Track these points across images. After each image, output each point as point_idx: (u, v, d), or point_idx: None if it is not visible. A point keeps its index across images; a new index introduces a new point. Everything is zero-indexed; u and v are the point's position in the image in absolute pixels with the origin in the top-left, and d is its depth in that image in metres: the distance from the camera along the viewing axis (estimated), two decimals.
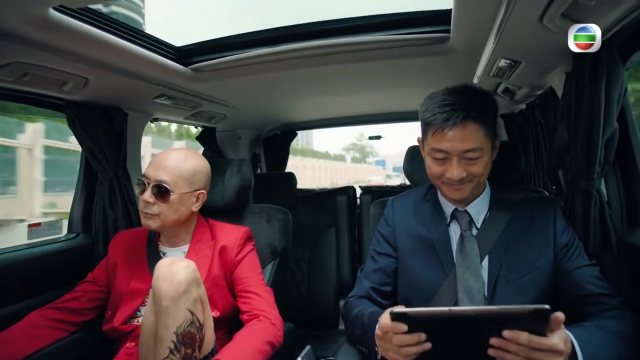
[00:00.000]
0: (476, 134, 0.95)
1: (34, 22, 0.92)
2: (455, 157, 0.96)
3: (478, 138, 0.95)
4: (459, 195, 1.02)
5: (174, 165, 1.18)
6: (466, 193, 1.02)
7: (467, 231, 1.05)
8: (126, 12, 38.12)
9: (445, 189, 1.03)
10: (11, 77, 1.12)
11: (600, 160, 1.02)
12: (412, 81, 1.72)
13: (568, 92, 1.07)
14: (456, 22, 1.09)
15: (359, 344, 1.05)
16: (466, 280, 1.00)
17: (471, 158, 0.96)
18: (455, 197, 1.03)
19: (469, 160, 0.96)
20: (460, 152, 0.95)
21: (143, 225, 1.20)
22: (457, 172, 0.96)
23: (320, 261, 2.32)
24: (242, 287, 1.22)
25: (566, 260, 0.99)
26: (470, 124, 0.94)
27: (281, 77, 1.57)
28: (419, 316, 0.74)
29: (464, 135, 0.94)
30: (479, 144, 0.95)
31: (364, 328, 0.99)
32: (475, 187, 1.02)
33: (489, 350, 0.73)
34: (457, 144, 0.95)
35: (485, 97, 1.00)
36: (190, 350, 0.95)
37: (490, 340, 0.72)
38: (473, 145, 0.95)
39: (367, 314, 1.01)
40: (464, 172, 0.97)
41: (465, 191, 1.01)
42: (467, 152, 0.95)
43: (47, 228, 1.50)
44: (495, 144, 1.02)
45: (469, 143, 0.94)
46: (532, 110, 1.80)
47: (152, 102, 1.62)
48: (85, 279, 1.29)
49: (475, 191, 1.04)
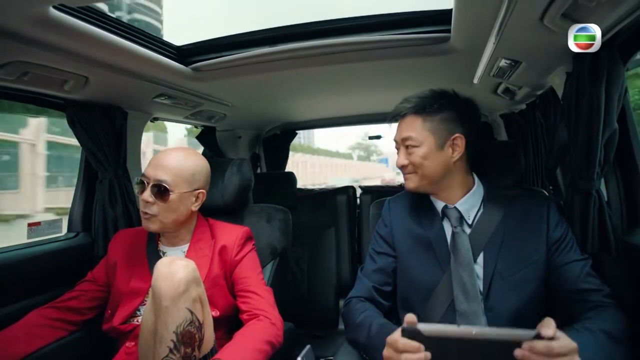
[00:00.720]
0: (412, 124, 1.08)
1: (34, 21, 0.92)
2: (401, 146, 1.11)
3: (414, 129, 1.07)
4: (409, 185, 1.12)
5: (174, 164, 1.18)
6: (414, 184, 1.10)
7: (458, 227, 1.07)
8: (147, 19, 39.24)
9: (404, 179, 1.13)
10: (11, 77, 1.12)
11: (600, 161, 1.03)
12: (412, 81, 1.72)
13: (568, 92, 1.07)
14: (457, 22, 1.09)
15: (361, 351, 1.05)
16: (460, 276, 1.01)
17: (409, 146, 1.08)
18: (407, 187, 1.13)
19: (408, 149, 1.09)
20: (400, 139, 1.10)
21: (144, 227, 1.20)
22: (400, 158, 1.10)
23: (320, 261, 2.32)
24: (242, 287, 1.22)
25: (557, 255, 1.01)
26: (410, 116, 1.09)
27: (281, 76, 1.57)
28: (433, 334, 0.73)
29: (404, 125, 1.10)
30: (414, 133, 1.07)
31: (370, 339, 0.99)
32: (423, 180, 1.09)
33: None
34: (399, 133, 1.11)
35: (440, 94, 1.09)
36: (189, 349, 0.95)
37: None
38: (407, 134, 1.08)
39: (375, 325, 1.01)
40: (406, 160, 1.09)
41: (413, 182, 1.10)
42: (405, 140, 1.09)
43: (46, 227, 1.50)
44: (453, 142, 1.06)
45: (405, 132, 1.09)
46: (532, 110, 1.80)
47: (152, 101, 1.62)
48: (85, 278, 1.29)
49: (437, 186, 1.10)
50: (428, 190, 1.12)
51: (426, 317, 1.02)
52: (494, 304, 0.98)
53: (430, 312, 1.03)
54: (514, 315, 0.97)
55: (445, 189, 1.10)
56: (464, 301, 0.99)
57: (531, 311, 0.98)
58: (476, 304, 0.98)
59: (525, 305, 0.98)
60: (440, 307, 1.02)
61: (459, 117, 1.07)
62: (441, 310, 1.02)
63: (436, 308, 1.03)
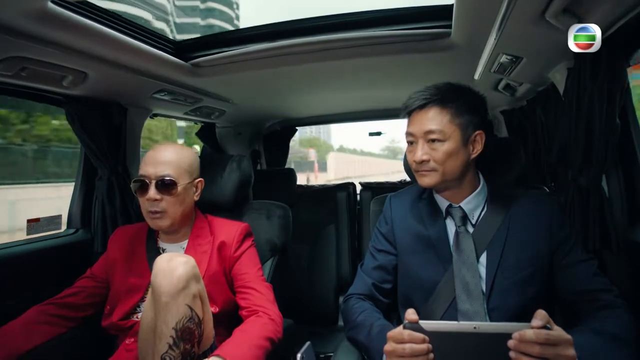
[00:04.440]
0: (439, 117, 1.00)
1: (32, 16, 0.91)
2: (421, 139, 1.02)
3: (440, 122, 0.99)
4: (425, 182, 1.04)
5: (173, 158, 1.19)
6: (432, 181, 1.03)
7: (462, 227, 1.05)
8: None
9: (417, 176, 1.06)
10: (9, 72, 1.11)
11: (601, 157, 1.02)
12: (413, 77, 1.71)
13: (570, 88, 1.07)
14: (457, 17, 1.08)
15: (360, 349, 1.05)
16: (463, 276, 1.00)
17: (433, 140, 1.00)
18: (422, 183, 1.05)
19: (432, 143, 1.00)
20: (422, 133, 1.01)
21: (153, 227, 1.20)
22: (420, 153, 1.01)
23: (320, 257, 2.32)
24: (241, 283, 1.22)
25: (563, 256, 1.00)
26: (435, 107, 1.00)
27: (281, 72, 1.56)
28: (434, 329, 0.74)
29: (427, 117, 1.01)
30: (441, 127, 0.99)
31: (370, 340, 0.99)
32: (442, 178, 1.02)
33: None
34: (420, 126, 1.01)
35: (459, 87, 1.04)
36: (189, 345, 0.95)
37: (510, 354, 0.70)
38: (433, 127, 0.99)
39: (376, 326, 1.01)
40: (426, 155, 1.00)
41: (431, 179, 1.03)
42: (428, 134, 1.00)
43: (46, 223, 1.50)
44: (474, 138, 1.02)
45: (429, 124, 1.00)
46: (533, 106, 1.80)
47: (152, 97, 1.62)
48: (84, 275, 1.28)
49: (451, 184, 1.05)
50: (440, 189, 1.09)
51: (427, 315, 1.01)
52: (496, 304, 0.98)
53: (432, 310, 1.02)
54: (516, 315, 0.96)
55: (455, 187, 1.07)
56: (466, 301, 0.98)
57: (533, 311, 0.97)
58: (478, 304, 0.97)
59: (527, 306, 0.97)
60: (441, 306, 1.02)
61: (480, 112, 1.04)
62: (442, 309, 1.01)
63: (438, 307, 1.02)
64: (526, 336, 0.69)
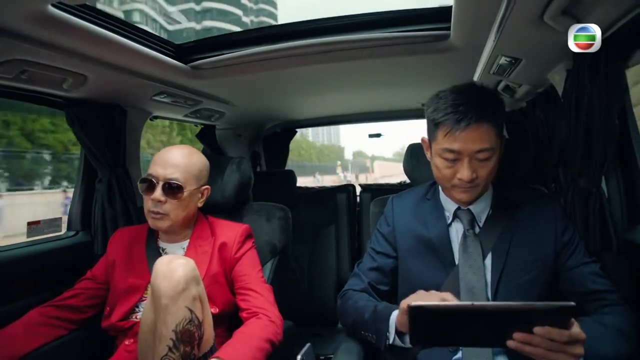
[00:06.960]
0: (489, 134, 0.94)
1: (32, 19, 0.91)
2: (467, 157, 0.95)
3: (490, 138, 0.94)
4: (467, 197, 1.01)
5: (183, 162, 1.20)
6: (475, 195, 1.02)
7: (470, 230, 1.04)
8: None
9: (455, 191, 1.01)
10: (9, 75, 1.11)
11: (600, 158, 1.02)
12: (412, 79, 1.71)
13: (569, 89, 1.07)
14: (456, 19, 1.08)
15: (364, 331, 1.03)
16: (469, 279, 0.99)
17: (482, 159, 0.95)
18: (464, 199, 1.02)
19: (480, 162, 0.96)
20: (472, 152, 0.94)
21: (152, 226, 1.20)
22: (467, 172, 0.95)
23: (320, 259, 2.32)
24: (241, 285, 1.22)
25: (567, 258, 0.99)
26: (483, 124, 0.93)
27: (281, 74, 1.57)
28: (438, 310, 0.75)
29: (477, 135, 0.93)
30: (491, 144, 0.94)
31: (376, 313, 1.00)
32: (482, 191, 1.03)
33: (509, 343, 0.73)
34: (470, 145, 0.94)
35: (495, 97, 1.00)
36: (189, 347, 0.95)
37: (514, 335, 0.72)
38: (486, 146, 0.94)
39: (381, 304, 1.03)
40: (474, 174, 0.96)
41: (475, 193, 1.01)
42: (479, 153, 0.94)
43: (46, 226, 1.50)
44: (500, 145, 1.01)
45: (481, 143, 0.93)
46: (532, 108, 1.80)
47: (152, 99, 1.62)
48: (84, 277, 1.29)
49: (482, 191, 1.04)
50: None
51: None
52: None
53: None
54: None
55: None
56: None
57: None
58: None
59: None
60: None
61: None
62: None
63: None
64: (551, 335, 0.71)
